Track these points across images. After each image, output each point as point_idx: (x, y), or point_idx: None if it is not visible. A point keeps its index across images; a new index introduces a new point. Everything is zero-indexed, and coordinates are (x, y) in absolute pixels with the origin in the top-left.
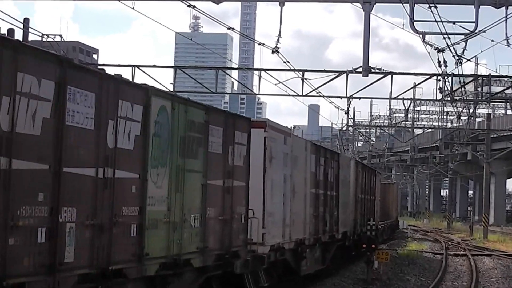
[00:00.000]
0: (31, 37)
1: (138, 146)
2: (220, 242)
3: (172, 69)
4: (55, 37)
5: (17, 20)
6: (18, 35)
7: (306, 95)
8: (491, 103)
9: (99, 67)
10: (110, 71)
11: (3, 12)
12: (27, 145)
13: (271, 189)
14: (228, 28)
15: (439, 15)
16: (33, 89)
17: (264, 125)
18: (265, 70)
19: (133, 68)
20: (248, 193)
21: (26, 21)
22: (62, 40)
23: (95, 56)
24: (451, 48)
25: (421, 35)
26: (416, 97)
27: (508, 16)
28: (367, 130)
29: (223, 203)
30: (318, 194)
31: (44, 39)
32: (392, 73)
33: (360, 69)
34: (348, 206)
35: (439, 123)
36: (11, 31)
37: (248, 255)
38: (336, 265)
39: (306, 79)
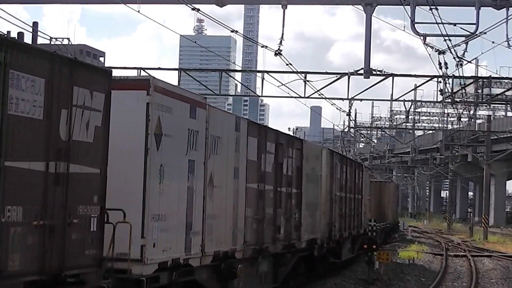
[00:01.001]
0: (40, 41)
1: None
2: (38, 261)
3: (176, 72)
4: (63, 40)
5: (27, 24)
6: (28, 39)
7: (308, 97)
8: (492, 104)
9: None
10: (116, 73)
11: (13, 16)
12: None
13: (161, 180)
14: (232, 31)
15: (439, 17)
16: None
17: (146, 85)
18: (268, 72)
19: (139, 70)
20: (104, 184)
21: (35, 24)
22: (70, 43)
23: (101, 59)
24: (452, 50)
25: (422, 37)
26: (417, 99)
27: (508, 18)
28: (369, 132)
29: (45, 200)
30: (263, 190)
31: (52, 42)
32: (393, 75)
33: (361, 71)
34: (318, 207)
35: (440, 125)
36: (20, 35)
37: (109, 279)
38: (300, 282)
39: (308, 81)
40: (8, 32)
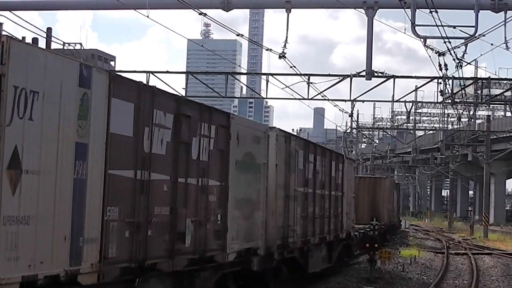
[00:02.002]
0: (53, 46)
1: None
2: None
3: (184, 75)
4: (75, 45)
5: (41, 30)
6: (42, 44)
7: (311, 99)
8: (491, 105)
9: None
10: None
11: (28, 22)
12: None
13: None
14: (237, 35)
15: (439, 19)
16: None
17: None
18: (272, 75)
19: (148, 74)
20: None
21: (49, 30)
22: (82, 48)
23: (112, 63)
24: (452, 51)
25: (422, 39)
26: (418, 100)
27: (507, 20)
28: (370, 132)
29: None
30: (144, 180)
31: (65, 47)
32: (394, 77)
33: (363, 73)
34: (260, 206)
35: (440, 125)
36: (35, 40)
37: None
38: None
39: (311, 83)
40: (23, 37)
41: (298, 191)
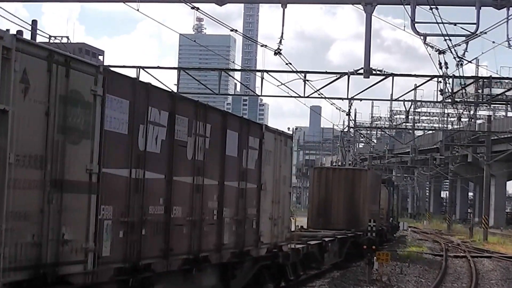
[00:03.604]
0: (39, 39)
1: None
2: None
3: (176, 71)
4: (62, 38)
5: (26, 22)
6: (27, 36)
7: (307, 97)
8: (492, 105)
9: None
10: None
11: (12, 14)
12: None
13: None
14: (231, 30)
15: (440, 16)
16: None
17: None
18: (267, 71)
19: (138, 69)
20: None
21: (34, 23)
22: (69, 41)
23: (100, 57)
24: (452, 49)
25: (422, 37)
26: (417, 99)
27: (509, 17)
28: (368, 132)
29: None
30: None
31: (51, 41)
32: (393, 75)
33: (361, 71)
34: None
35: (440, 125)
36: (19, 33)
37: None
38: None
39: (308, 80)
40: (8, 30)
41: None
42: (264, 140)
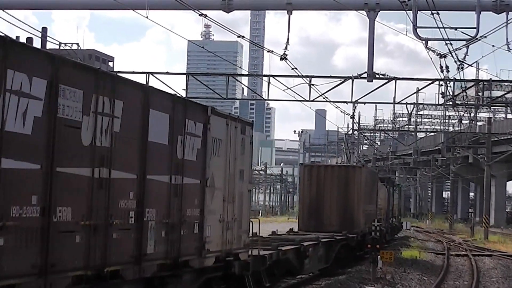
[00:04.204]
0: (49, 46)
1: None
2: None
3: (184, 76)
4: (72, 45)
5: (35, 29)
6: (37, 44)
7: (313, 101)
8: (492, 107)
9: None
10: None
11: (22, 22)
12: None
13: None
14: (238, 36)
15: (441, 21)
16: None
17: None
18: (273, 76)
19: (147, 74)
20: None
21: (44, 30)
22: (79, 48)
23: (110, 63)
24: (453, 53)
25: (424, 41)
26: (419, 102)
27: (508, 22)
28: (372, 134)
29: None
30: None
31: (61, 48)
32: (395, 79)
33: (365, 75)
34: None
35: (441, 127)
36: (29, 40)
37: None
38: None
39: (313, 85)
40: (17, 37)
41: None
42: (210, 126)
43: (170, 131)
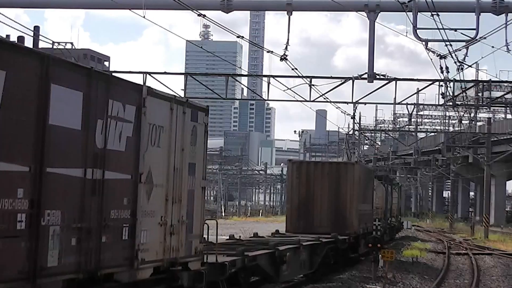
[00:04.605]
0: (41, 45)
1: None
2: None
3: (183, 76)
4: (65, 44)
5: (27, 28)
6: (29, 43)
7: (313, 101)
8: (492, 107)
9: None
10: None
11: (13, 20)
12: None
13: None
14: (238, 37)
15: (441, 22)
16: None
17: None
18: (273, 76)
19: (145, 74)
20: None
21: (36, 29)
22: (74, 47)
23: (106, 63)
24: (453, 54)
25: (424, 42)
26: (419, 102)
27: (508, 23)
28: (373, 134)
29: None
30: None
31: (54, 47)
32: (396, 79)
33: (365, 76)
34: None
35: (442, 127)
36: (21, 39)
37: None
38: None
39: (313, 85)
40: (8, 35)
41: None
42: (146, 110)
43: (85, 113)
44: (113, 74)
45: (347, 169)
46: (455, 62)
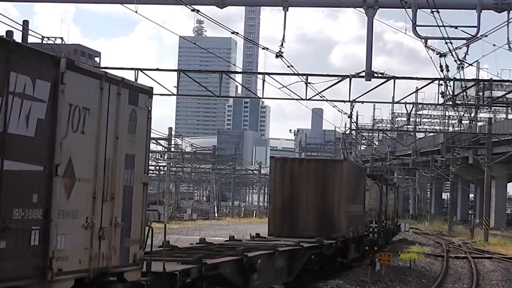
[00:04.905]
0: (31, 39)
1: None
2: None
3: (175, 73)
4: (55, 39)
5: (16, 22)
6: (17, 37)
7: (309, 99)
8: (492, 107)
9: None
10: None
11: (1, 14)
12: None
13: None
14: (232, 33)
15: (441, 19)
16: None
17: None
18: (269, 74)
19: (136, 71)
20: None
21: (25, 23)
22: (63, 42)
23: (97, 59)
24: (453, 52)
25: (423, 40)
26: (418, 101)
27: (509, 21)
28: (370, 134)
29: None
30: None
31: (44, 42)
32: (394, 78)
33: (363, 74)
34: None
35: (441, 127)
36: (9, 33)
37: None
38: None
39: (309, 83)
40: None
41: None
42: (65, 88)
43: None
44: (32, 46)
45: (335, 166)
46: (455, 61)
